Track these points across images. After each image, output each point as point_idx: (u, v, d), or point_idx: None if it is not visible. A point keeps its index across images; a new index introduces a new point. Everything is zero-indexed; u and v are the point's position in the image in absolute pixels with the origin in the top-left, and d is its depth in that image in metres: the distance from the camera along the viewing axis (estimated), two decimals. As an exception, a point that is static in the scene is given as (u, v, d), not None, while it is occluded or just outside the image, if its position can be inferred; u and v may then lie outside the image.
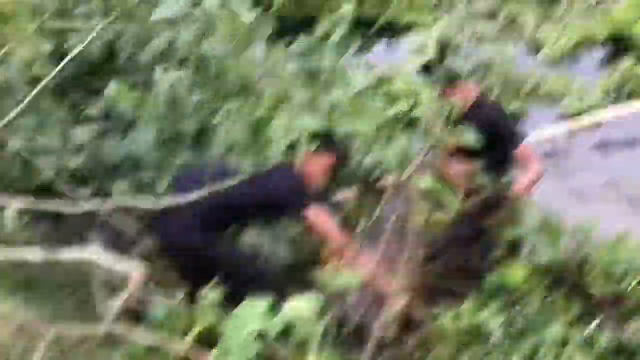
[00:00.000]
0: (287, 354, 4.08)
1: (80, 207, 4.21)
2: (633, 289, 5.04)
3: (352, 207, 5.91)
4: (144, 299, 4.67)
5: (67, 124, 5.87)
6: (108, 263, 4.06)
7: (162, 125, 5.79)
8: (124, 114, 5.84)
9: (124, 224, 5.49)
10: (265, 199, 4.99)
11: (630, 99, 7.62)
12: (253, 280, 4.95)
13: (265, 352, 4.00)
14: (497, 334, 4.67)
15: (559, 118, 7.53)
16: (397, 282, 4.30)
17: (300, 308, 4.05)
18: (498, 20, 8.94)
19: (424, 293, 5.27)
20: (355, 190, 5.99)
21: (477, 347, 4.63)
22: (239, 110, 5.99)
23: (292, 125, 5.47)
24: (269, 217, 5.32)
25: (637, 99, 7.61)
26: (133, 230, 5.49)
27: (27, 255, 4.15)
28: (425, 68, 5.19)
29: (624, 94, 7.67)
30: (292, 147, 5.24)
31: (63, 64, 5.67)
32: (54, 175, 5.45)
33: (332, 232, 4.98)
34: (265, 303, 3.96)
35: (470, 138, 4.07)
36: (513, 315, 5.03)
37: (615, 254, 5.16)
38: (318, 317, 4.11)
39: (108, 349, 4.36)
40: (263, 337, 3.94)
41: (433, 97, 3.92)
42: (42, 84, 5.48)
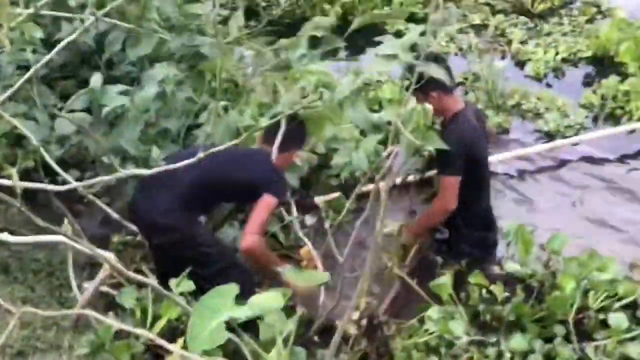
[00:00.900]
0: (253, 345, 4.16)
1: (65, 186, 4.23)
2: (598, 305, 5.14)
3: (329, 209, 6.02)
4: (116, 286, 4.80)
5: (54, 113, 5.88)
6: (83, 249, 4.10)
7: (148, 120, 5.85)
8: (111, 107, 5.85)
9: (107, 209, 5.57)
10: (242, 182, 5.03)
11: (612, 117, 7.71)
12: (227, 269, 5.02)
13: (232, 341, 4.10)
14: (462, 341, 4.69)
15: (541, 134, 7.53)
16: (362, 283, 4.29)
17: (268, 301, 4.14)
18: (487, 33, 8.96)
19: (392, 298, 5.40)
20: (333, 195, 6.04)
21: (442, 353, 4.65)
22: (225, 109, 6.10)
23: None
24: (244, 199, 5.40)
25: (618, 117, 7.70)
26: (115, 215, 5.57)
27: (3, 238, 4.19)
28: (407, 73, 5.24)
29: (606, 112, 7.74)
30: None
31: (54, 52, 5.77)
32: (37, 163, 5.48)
33: (269, 263, 5.06)
34: (234, 293, 4.06)
35: (437, 144, 4.10)
36: (479, 323, 5.15)
37: (583, 270, 5.16)
38: (285, 311, 4.23)
39: (78, 333, 4.44)
40: (230, 326, 4.01)
41: (407, 102, 3.93)
42: (31, 71, 5.57)
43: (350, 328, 4.70)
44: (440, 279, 5.09)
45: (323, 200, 5.96)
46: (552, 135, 7.44)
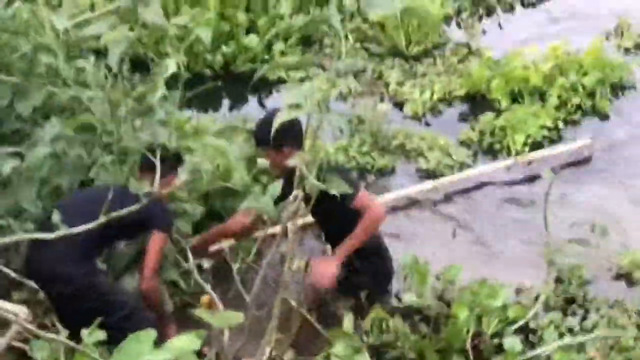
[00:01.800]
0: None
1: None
2: (492, 330, 5.36)
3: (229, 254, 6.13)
4: (27, 340, 4.75)
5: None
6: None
7: (42, 180, 5.82)
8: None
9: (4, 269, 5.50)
10: (129, 221, 5.01)
11: (491, 151, 8.02)
12: (131, 314, 5.10)
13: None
14: None
15: (424, 173, 7.74)
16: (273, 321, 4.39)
17: (185, 344, 4.14)
18: (365, 76, 9.10)
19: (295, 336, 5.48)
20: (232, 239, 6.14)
21: None
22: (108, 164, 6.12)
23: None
24: (134, 235, 5.53)
25: (496, 151, 8.03)
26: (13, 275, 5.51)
27: None
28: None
29: (484, 147, 8.06)
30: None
31: None
32: None
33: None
34: (152, 338, 4.10)
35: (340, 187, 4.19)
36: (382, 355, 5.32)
37: (475, 298, 5.38)
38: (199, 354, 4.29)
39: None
40: None
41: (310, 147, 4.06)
42: None
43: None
44: (343, 324, 5.29)
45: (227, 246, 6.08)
46: (434, 173, 7.64)
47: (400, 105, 8.76)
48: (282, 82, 8.95)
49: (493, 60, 8.95)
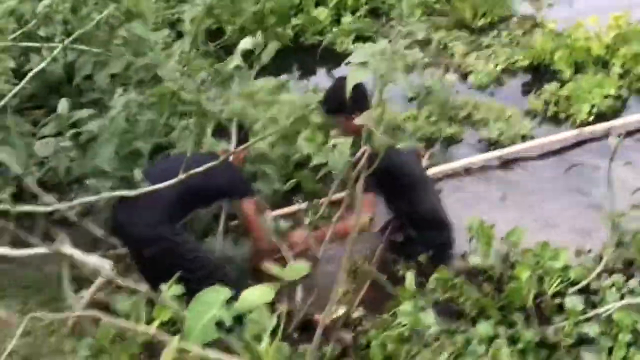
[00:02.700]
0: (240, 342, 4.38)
1: (52, 206, 4.49)
2: (553, 291, 5.47)
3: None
4: (111, 293, 5.03)
5: (29, 139, 6.13)
6: (78, 257, 4.33)
7: (120, 142, 6.10)
8: (84, 131, 6.11)
9: (91, 226, 5.79)
10: (213, 189, 5.44)
11: (555, 120, 8.11)
12: (213, 272, 5.36)
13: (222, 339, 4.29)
14: (431, 330, 4.92)
15: (487, 142, 7.86)
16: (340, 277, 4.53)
17: (254, 298, 4.27)
18: (430, 48, 9.26)
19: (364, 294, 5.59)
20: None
21: (413, 342, 4.88)
22: (190, 128, 6.36)
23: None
24: (216, 202, 5.86)
25: (559, 120, 8.12)
26: (99, 231, 5.79)
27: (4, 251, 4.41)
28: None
29: (549, 115, 8.15)
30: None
31: (25, 82, 6.01)
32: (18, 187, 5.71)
33: (258, 230, 5.52)
34: (225, 292, 4.20)
35: (407, 142, 4.26)
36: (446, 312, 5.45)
37: (538, 259, 5.47)
38: (270, 308, 4.38)
39: (76, 339, 4.66)
40: (220, 324, 4.15)
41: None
42: (4, 100, 5.81)
43: (330, 322, 4.90)
44: (406, 282, 5.33)
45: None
46: (500, 143, 7.75)
47: (465, 76, 8.92)
48: (349, 53, 9.03)
49: (556, 32, 9.01)
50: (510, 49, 9.21)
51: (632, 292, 5.60)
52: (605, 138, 7.44)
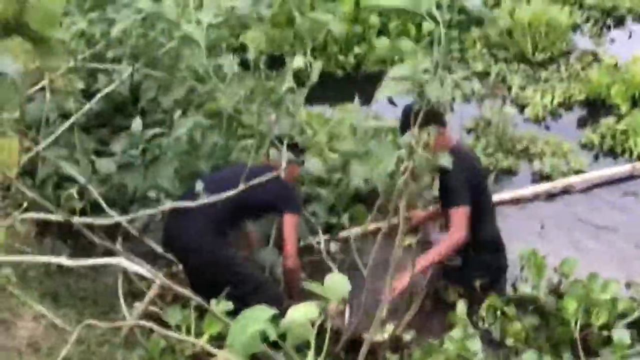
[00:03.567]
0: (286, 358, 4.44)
1: (113, 219, 4.67)
2: (601, 323, 5.43)
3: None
4: (163, 305, 5.17)
5: (94, 156, 6.35)
6: (134, 269, 4.49)
7: (181, 162, 6.28)
8: (147, 149, 6.31)
9: (150, 241, 5.98)
10: (262, 202, 5.53)
11: (612, 154, 8.17)
12: (257, 288, 5.45)
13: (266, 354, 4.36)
14: (477, 358, 4.92)
15: (539, 176, 7.91)
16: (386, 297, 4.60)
17: (300, 314, 4.24)
18: (489, 80, 9.39)
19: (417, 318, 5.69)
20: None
21: None
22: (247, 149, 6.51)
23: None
24: (264, 215, 5.98)
25: (617, 155, 8.18)
26: (154, 244, 5.97)
27: (59, 261, 4.61)
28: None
29: (605, 149, 8.20)
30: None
31: (93, 102, 6.25)
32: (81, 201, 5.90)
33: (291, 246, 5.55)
34: (270, 310, 4.21)
35: (447, 161, 4.34)
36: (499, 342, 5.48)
37: (586, 290, 5.45)
38: (316, 324, 4.39)
39: (128, 350, 4.79)
40: (265, 339, 4.17)
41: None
42: (73, 118, 6.04)
43: (378, 339, 5.05)
44: (457, 309, 5.37)
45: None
46: (553, 176, 7.79)
47: (522, 108, 8.98)
48: (410, 84, 9.18)
49: (613, 67, 9.09)
50: (568, 83, 9.26)
51: (681, 326, 5.58)
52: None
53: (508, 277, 6.10)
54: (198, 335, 4.75)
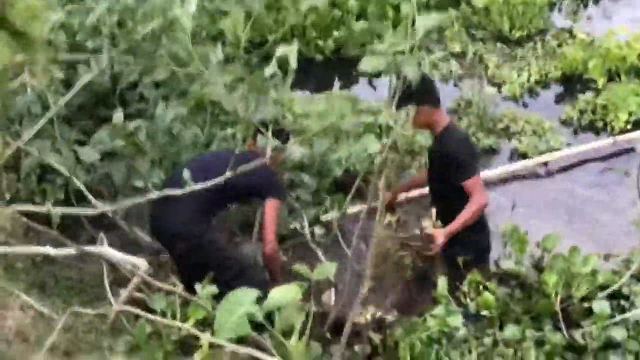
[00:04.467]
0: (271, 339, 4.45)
1: (95, 209, 4.70)
2: (581, 295, 5.46)
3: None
4: (147, 291, 5.22)
5: (76, 147, 6.34)
6: (116, 258, 4.53)
7: (163, 154, 6.33)
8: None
9: (130, 227, 6.01)
10: (244, 186, 5.53)
11: (591, 128, 8.28)
12: (241, 272, 5.50)
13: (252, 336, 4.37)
14: (461, 332, 5.01)
15: (521, 154, 8.01)
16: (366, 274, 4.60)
17: (284, 296, 4.41)
18: (466, 60, 9.44)
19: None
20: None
21: (443, 344, 4.98)
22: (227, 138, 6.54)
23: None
24: (248, 200, 6.05)
25: (596, 128, 8.27)
26: (138, 232, 6.01)
27: (44, 251, 4.64)
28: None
29: (584, 125, 8.29)
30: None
31: (72, 93, 6.24)
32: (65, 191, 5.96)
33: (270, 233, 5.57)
34: (254, 293, 4.34)
35: (426, 139, 4.37)
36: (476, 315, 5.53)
37: (566, 264, 5.45)
38: (300, 306, 4.45)
39: (115, 335, 4.82)
40: (251, 321, 4.27)
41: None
42: (54, 109, 6.04)
43: (361, 320, 5.11)
44: (438, 286, 5.33)
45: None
46: (534, 154, 7.89)
47: (499, 87, 9.07)
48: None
49: (586, 43, 9.19)
50: (544, 60, 9.33)
51: (663, 297, 5.62)
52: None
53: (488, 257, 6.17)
54: (184, 321, 4.74)
